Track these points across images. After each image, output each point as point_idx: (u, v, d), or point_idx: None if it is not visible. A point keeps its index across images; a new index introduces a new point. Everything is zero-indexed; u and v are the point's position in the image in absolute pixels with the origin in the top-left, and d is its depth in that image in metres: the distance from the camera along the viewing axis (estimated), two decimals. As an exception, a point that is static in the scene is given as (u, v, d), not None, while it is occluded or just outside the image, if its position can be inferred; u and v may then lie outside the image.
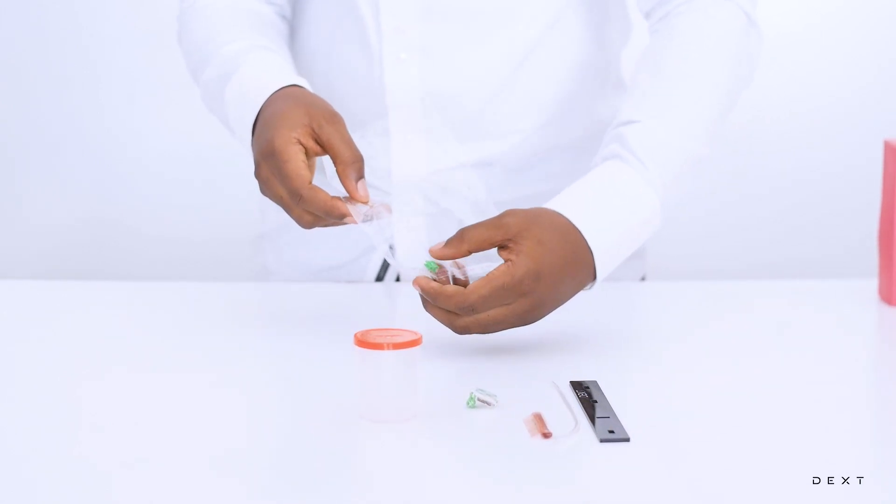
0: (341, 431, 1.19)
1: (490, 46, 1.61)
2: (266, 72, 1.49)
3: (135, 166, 2.97)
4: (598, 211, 1.39)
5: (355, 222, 1.36)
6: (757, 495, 1.07)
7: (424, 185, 1.64)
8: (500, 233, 1.34)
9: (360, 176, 1.39)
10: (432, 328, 1.36)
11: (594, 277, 1.39)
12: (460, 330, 1.34)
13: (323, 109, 1.40)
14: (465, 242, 1.34)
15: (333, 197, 1.36)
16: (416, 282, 1.34)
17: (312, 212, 1.37)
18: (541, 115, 1.65)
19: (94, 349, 1.43)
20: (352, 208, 1.36)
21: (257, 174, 1.40)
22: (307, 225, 1.39)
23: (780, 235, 3.01)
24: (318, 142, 1.39)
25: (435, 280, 1.34)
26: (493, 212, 1.42)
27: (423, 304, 1.36)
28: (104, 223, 2.97)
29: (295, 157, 1.36)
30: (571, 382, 1.29)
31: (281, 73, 1.48)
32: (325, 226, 1.39)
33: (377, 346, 1.19)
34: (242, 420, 1.23)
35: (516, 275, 1.32)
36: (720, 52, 1.49)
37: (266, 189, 1.39)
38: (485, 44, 1.61)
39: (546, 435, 1.17)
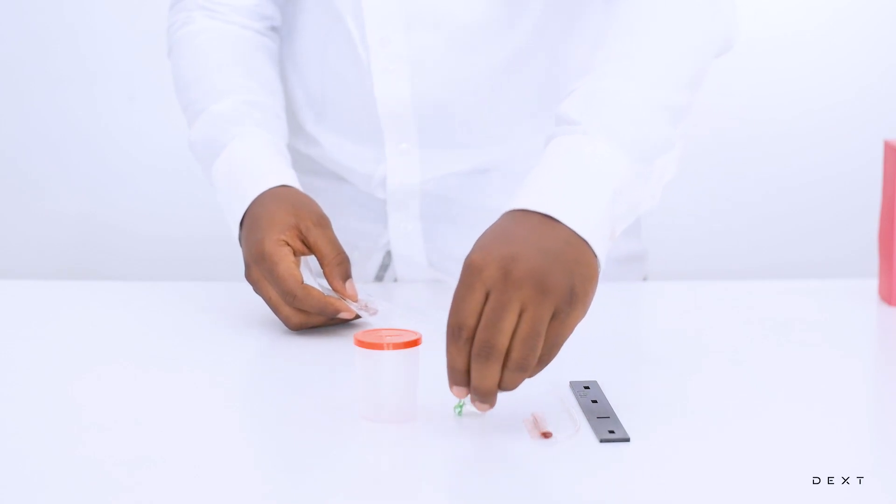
0: (341, 431, 1.19)
1: (478, 53, 1.59)
2: (256, 162, 1.52)
3: (134, 166, 2.97)
4: (529, 183, 1.24)
5: (350, 316, 1.42)
6: (757, 495, 1.07)
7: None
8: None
9: (347, 276, 1.45)
10: (432, 328, 1.36)
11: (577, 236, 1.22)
12: (516, 363, 1.15)
13: (310, 211, 1.46)
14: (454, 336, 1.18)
15: (326, 296, 1.42)
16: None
17: (305, 310, 1.41)
18: (535, 118, 1.64)
19: (94, 349, 1.43)
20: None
21: (248, 276, 1.45)
22: (296, 325, 1.43)
23: (781, 236, 3.02)
24: (304, 243, 1.45)
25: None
26: None
27: (454, 380, 1.18)
28: (103, 223, 2.97)
29: (285, 259, 1.42)
30: (571, 382, 1.29)
31: (271, 168, 1.51)
32: (313, 326, 1.44)
33: (377, 346, 1.19)
34: (241, 420, 1.23)
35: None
36: (667, 6, 1.37)
37: (257, 289, 1.44)
38: (472, 51, 1.59)
39: (546, 435, 1.17)
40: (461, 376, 1.17)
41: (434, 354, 1.27)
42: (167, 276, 2.76)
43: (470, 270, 1.17)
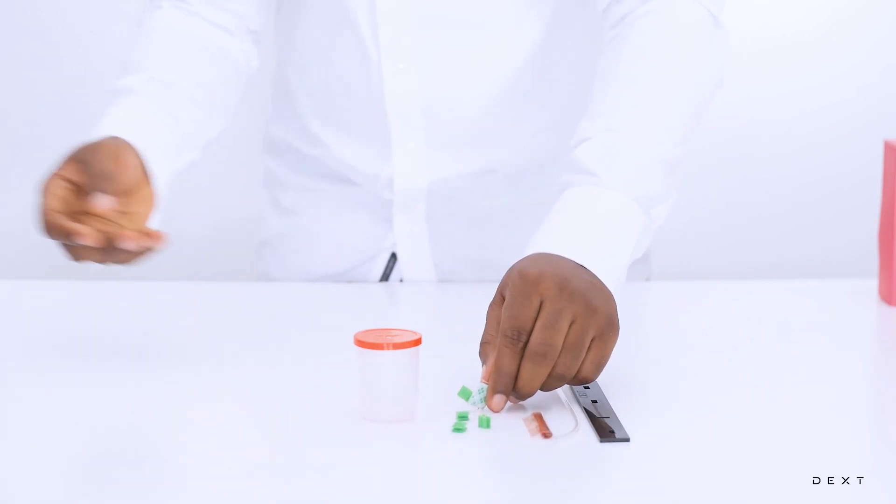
0: (341, 431, 1.19)
1: (488, 53, 1.60)
2: (111, 116, 1.50)
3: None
4: (555, 228, 1.31)
5: (83, 235, 1.33)
6: (757, 495, 1.07)
7: None
8: (497, 297, 1.27)
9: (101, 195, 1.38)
10: (433, 328, 1.36)
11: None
12: (559, 370, 1.21)
13: (94, 150, 1.41)
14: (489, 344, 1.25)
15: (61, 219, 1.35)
16: (494, 407, 1.23)
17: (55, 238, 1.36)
18: (542, 118, 1.64)
19: (93, 349, 1.43)
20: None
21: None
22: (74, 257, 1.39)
23: (781, 236, 3.01)
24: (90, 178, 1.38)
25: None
26: None
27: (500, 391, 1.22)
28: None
29: (50, 190, 1.37)
30: (571, 382, 1.29)
31: (114, 121, 1.48)
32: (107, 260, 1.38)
33: (377, 346, 1.19)
34: (242, 420, 1.23)
35: (501, 282, 1.27)
36: (677, 51, 1.42)
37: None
38: (483, 51, 1.60)
39: (546, 435, 1.17)
40: (509, 381, 1.21)
41: (434, 354, 1.27)
42: (167, 276, 2.76)
43: (526, 281, 1.23)
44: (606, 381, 1.29)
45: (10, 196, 2.99)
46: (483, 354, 1.25)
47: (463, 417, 1.20)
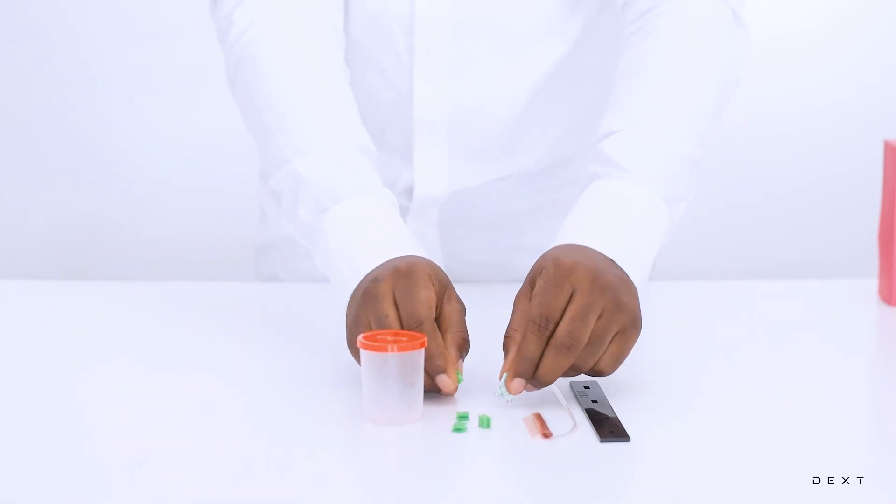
0: (345, 433, 1.19)
1: (520, 63, 1.59)
2: (382, 239, 1.34)
3: (133, 167, 2.97)
4: (599, 226, 1.31)
5: (450, 388, 1.24)
6: (757, 495, 1.07)
7: None
8: (526, 283, 1.27)
9: (465, 351, 1.29)
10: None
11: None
12: (578, 365, 1.22)
13: (449, 287, 1.30)
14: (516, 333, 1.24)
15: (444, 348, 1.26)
16: (513, 390, 1.23)
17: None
18: (564, 123, 1.64)
19: (94, 349, 1.43)
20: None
21: (371, 289, 1.27)
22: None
23: (781, 236, 3.02)
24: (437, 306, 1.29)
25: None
26: None
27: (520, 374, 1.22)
28: (103, 223, 2.97)
29: (432, 290, 1.27)
30: (571, 382, 1.29)
31: (400, 242, 1.34)
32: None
33: (382, 349, 1.19)
34: (244, 421, 1.23)
35: (531, 271, 1.27)
36: (703, 50, 1.43)
37: (372, 304, 1.26)
38: (515, 61, 1.59)
39: (546, 435, 1.17)
40: (531, 366, 1.22)
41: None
42: (167, 277, 2.76)
43: (560, 269, 1.23)
44: (607, 380, 1.29)
45: (10, 196, 2.99)
46: (506, 347, 1.25)
47: (463, 417, 1.20)
